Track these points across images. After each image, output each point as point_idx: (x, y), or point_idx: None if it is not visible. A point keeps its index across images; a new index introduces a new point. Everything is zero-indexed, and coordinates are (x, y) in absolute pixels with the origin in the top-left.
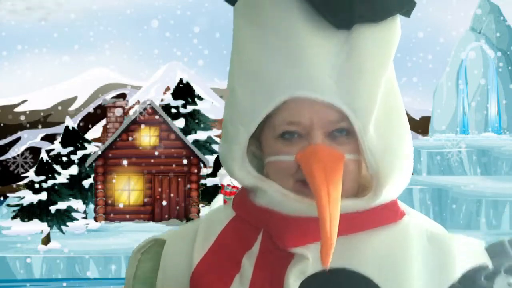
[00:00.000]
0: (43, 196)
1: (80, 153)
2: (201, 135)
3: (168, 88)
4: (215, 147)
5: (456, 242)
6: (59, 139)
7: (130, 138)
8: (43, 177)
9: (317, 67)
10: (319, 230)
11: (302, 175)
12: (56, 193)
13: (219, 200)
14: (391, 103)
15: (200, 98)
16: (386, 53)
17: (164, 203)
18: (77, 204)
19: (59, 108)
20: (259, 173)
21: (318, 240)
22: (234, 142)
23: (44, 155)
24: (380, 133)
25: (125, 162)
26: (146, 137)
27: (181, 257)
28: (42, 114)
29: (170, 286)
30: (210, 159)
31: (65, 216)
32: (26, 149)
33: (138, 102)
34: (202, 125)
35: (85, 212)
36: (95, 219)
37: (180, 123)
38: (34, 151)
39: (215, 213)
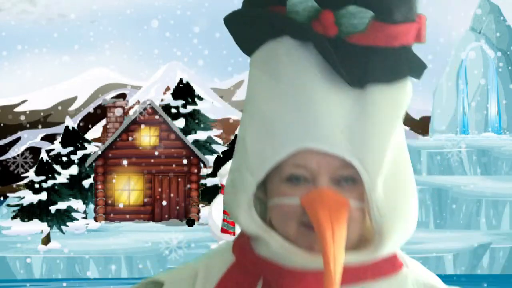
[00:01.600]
0: (43, 196)
1: (80, 153)
2: (201, 135)
3: (168, 88)
4: (215, 147)
5: None
6: (59, 139)
7: (130, 138)
8: (43, 177)
9: (330, 121)
10: (320, 284)
11: (306, 218)
12: (56, 193)
13: (219, 200)
14: (398, 161)
15: (200, 98)
16: (397, 113)
17: (164, 203)
18: (77, 204)
19: (59, 108)
20: (262, 218)
21: None
22: (241, 189)
23: (44, 155)
24: (387, 190)
25: (125, 162)
26: (146, 137)
27: None
28: (42, 114)
29: None
30: (210, 159)
31: (65, 216)
32: (26, 149)
33: (138, 102)
34: (202, 125)
35: (85, 212)
36: (95, 219)
37: (180, 123)
38: (34, 151)
39: (214, 256)
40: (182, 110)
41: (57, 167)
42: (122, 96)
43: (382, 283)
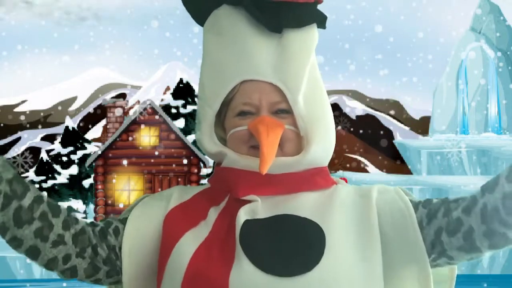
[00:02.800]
0: None
1: (80, 153)
2: None
3: (168, 88)
4: None
5: (375, 188)
6: (59, 139)
7: (130, 138)
8: (43, 177)
9: (259, 59)
10: (262, 179)
11: (254, 141)
12: (56, 193)
13: None
14: (314, 85)
15: None
16: (308, 50)
17: None
18: (77, 204)
19: (59, 108)
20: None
21: (266, 195)
22: (203, 120)
23: (44, 155)
24: (307, 105)
25: (125, 162)
26: (146, 137)
27: (158, 204)
28: (42, 114)
29: (143, 223)
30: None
31: None
32: (26, 149)
33: (138, 102)
34: None
35: (85, 212)
36: (95, 219)
37: (180, 123)
38: (34, 151)
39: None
40: (182, 110)
41: (57, 167)
42: (122, 96)
43: (316, 193)
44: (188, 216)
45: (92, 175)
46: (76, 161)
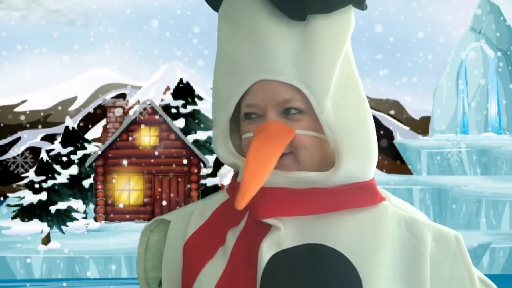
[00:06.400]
0: (43, 196)
1: (80, 153)
2: (201, 135)
3: (168, 88)
4: None
5: (431, 232)
6: (59, 139)
7: (130, 138)
8: (43, 177)
9: (278, 54)
10: (293, 202)
11: None
12: (56, 193)
13: None
14: (348, 84)
15: (200, 98)
16: (339, 40)
17: (164, 203)
18: (77, 204)
19: (59, 108)
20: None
21: (294, 215)
22: (217, 125)
23: (44, 155)
24: (338, 110)
25: (125, 162)
26: (146, 137)
27: (179, 233)
28: (42, 114)
29: (171, 257)
30: (210, 159)
31: (65, 216)
32: (26, 149)
33: (138, 102)
34: (202, 125)
35: (85, 212)
36: (95, 219)
37: (180, 123)
38: (34, 151)
39: (211, 196)
40: (182, 110)
41: (57, 167)
42: (122, 96)
43: (359, 213)
44: (206, 243)
45: (92, 175)
46: (76, 161)
